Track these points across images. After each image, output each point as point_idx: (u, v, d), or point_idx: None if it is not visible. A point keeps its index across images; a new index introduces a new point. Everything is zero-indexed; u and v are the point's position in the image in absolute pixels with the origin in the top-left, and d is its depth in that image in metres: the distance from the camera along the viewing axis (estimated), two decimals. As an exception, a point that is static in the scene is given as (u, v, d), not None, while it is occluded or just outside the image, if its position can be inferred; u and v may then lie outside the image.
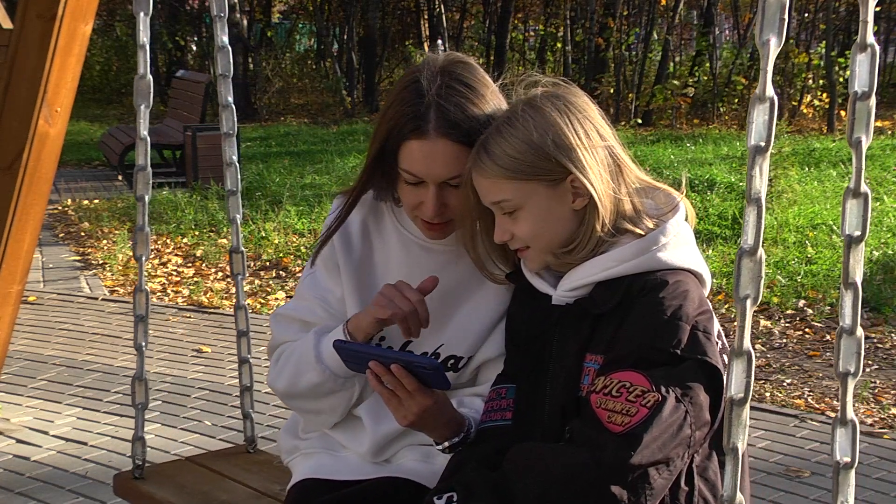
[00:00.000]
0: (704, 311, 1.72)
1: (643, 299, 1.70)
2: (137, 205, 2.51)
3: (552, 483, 1.63)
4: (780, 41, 1.36)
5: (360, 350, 1.89)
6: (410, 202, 1.93)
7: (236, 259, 2.73)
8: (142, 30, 2.49)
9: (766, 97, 1.36)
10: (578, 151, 1.72)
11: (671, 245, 1.75)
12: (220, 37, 2.63)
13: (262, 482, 2.47)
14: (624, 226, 1.76)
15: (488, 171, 1.75)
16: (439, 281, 1.95)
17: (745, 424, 1.40)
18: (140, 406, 2.58)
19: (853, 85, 1.36)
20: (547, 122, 1.73)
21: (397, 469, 2.04)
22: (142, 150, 2.50)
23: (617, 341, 1.70)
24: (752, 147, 1.37)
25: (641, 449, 1.60)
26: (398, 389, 1.82)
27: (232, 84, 2.70)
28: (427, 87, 1.84)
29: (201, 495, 2.40)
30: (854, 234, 1.38)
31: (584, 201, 1.74)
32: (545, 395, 1.80)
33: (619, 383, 1.65)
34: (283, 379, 2.06)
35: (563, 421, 1.75)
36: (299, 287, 2.15)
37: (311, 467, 2.09)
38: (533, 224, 1.76)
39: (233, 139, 2.67)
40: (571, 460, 1.64)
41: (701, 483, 1.74)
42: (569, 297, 1.79)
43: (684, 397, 1.64)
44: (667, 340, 1.66)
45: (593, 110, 1.79)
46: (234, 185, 2.68)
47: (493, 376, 1.98)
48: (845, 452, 1.45)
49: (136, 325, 2.52)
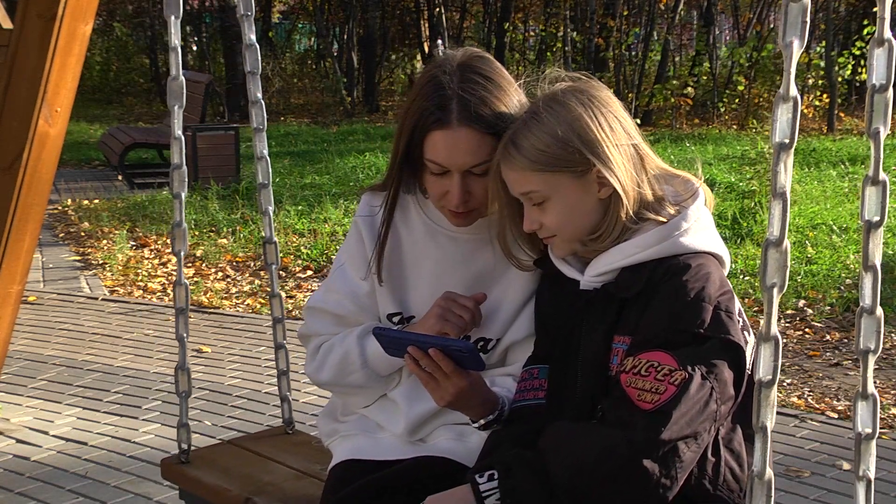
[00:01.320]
0: (725, 291, 1.79)
1: (667, 283, 1.77)
2: (174, 202, 2.56)
3: (586, 461, 1.71)
4: (802, 43, 1.43)
5: (399, 336, 1.97)
6: (436, 192, 2.01)
7: (269, 249, 2.81)
8: (173, 32, 2.53)
9: (789, 97, 1.43)
10: (602, 144, 1.79)
11: (692, 230, 1.83)
12: (247, 35, 2.68)
13: (303, 462, 2.56)
14: (646, 213, 1.84)
15: (517, 163, 1.82)
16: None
17: (773, 405, 1.48)
18: (183, 394, 2.66)
19: (871, 78, 1.43)
20: (572, 116, 1.80)
21: (433, 448, 2.13)
22: (177, 149, 2.53)
23: (643, 323, 1.77)
24: (776, 144, 1.44)
25: (671, 425, 1.68)
26: (436, 372, 1.91)
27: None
28: (447, 81, 1.93)
29: (245, 477, 2.48)
30: (874, 220, 1.46)
31: (609, 191, 1.81)
32: (576, 376, 1.87)
33: (647, 363, 1.72)
34: (325, 373, 2.19)
35: (594, 400, 1.83)
36: (329, 279, 2.24)
37: (350, 449, 2.19)
38: (560, 214, 1.83)
39: (262, 134, 2.74)
40: (604, 438, 1.72)
41: (727, 454, 1.82)
42: (596, 282, 1.87)
43: (709, 374, 1.72)
44: (691, 321, 1.74)
45: (616, 104, 1.86)
46: (265, 179, 2.77)
47: (521, 357, 2.07)
48: (867, 424, 1.52)
49: (178, 317, 2.60)
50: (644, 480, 1.68)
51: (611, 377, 1.81)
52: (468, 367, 1.92)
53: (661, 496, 1.70)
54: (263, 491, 2.40)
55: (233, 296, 6.71)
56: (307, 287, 6.85)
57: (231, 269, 7.40)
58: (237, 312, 6.28)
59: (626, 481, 1.69)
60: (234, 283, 7.07)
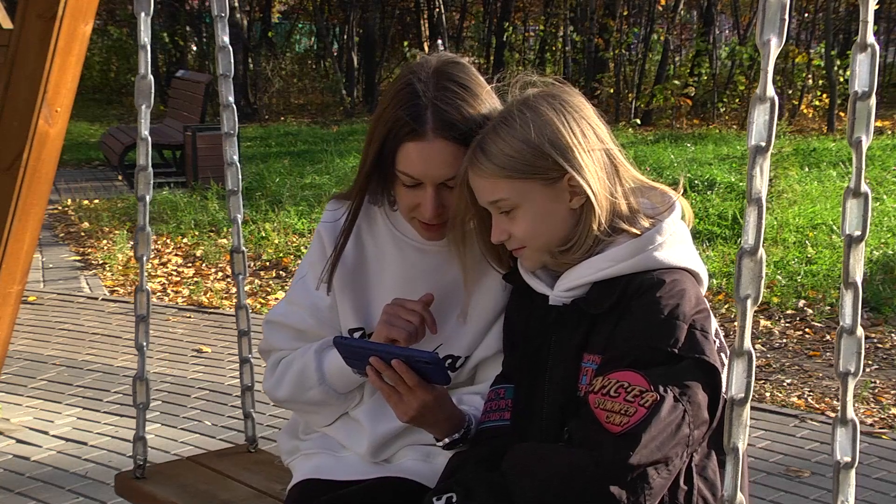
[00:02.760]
0: (702, 309, 1.72)
1: (640, 299, 1.70)
2: (138, 205, 2.51)
3: (551, 483, 1.64)
4: (780, 41, 1.35)
5: (360, 346, 1.89)
6: (407, 204, 1.92)
7: (237, 259, 2.74)
8: (143, 30, 2.48)
9: (766, 97, 1.36)
10: (575, 150, 1.72)
11: (667, 244, 1.75)
12: (220, 37, 2.64)
13: (264, 482, 2.47)
14: (620, 225, 1.76)
15: (485, 170, 1.75)
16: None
17: (746, 424, 1.39)
18: (141, 406, 2.59)
19: (853, 85, 1.36)
20: (543, 121, 1.73)
21: (397, 469, 2.04)
22: (143, 150, 2.50)
23: (614, 341, 1.70)
24: (752, 147, 1.36)
25: (640, 448, 1.59)
26: (398, 385, 1.82)
27: (232, 84, 2.70)
28: (422, 89, 1.84)
29: (203, 495, 2.41)
30: (854, 234, 1.37)
31: (581, 200, 1.74)
32: (543, 396, 1.80)
33: (617, 383, 1.64)
34: (282, 390, 2.10)
35: (562, 421, 1.75)
36: (290, 291, 2.16)
37: (311, 468, 2.10)
38: (530, 223, 1.76)
39: (234, 139, 2.68)
40: (570, 460, 1.64)
41: (700, 482, 1.74)
42: (566, 297, 1.79)
43: (682, 396, 1.64)
44: (664, 340, 1.66)
45: (589, 109, 1.79)
46: (234, 185, 2.69)
47: (490, 375, 1.99)
48: (846, 452, 1.44)
49: (137, 326, 2.53)
50: None
51: (579, 397, 1.72)
52: (433, 380, 1.83)
53: None
54: (220, 510, 2.32)
55: (233, 296, 6.71)
56: (307, 287, 6.85)
57: (231, 269, 7.39)
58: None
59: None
60: (234, 283, 7.06)
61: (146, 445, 2.57)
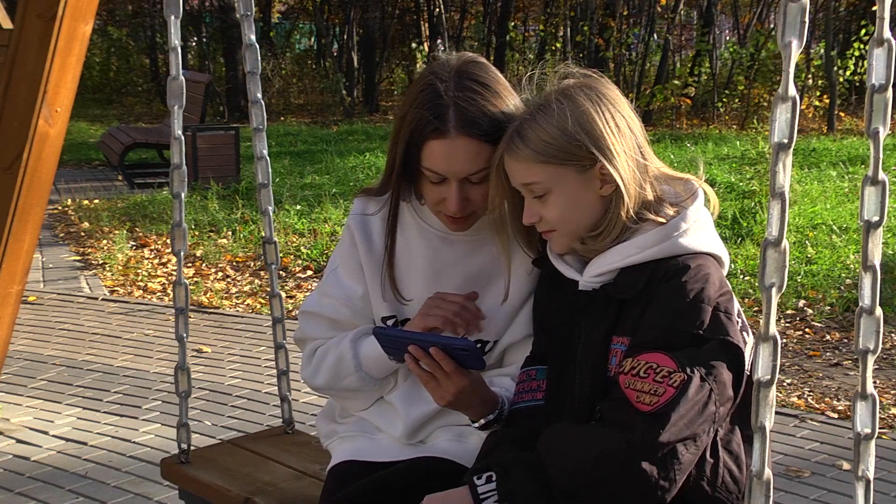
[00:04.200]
0: (725, 292, 1.79)
1: (667, 284, 1.77)
2: (173, 202, 2.55)
3: (584, 462, 1.71)
4: (801, 44, 1.43)
5: (398, 336, 1.97)
6: (434, 199, 2.00)
7: (269, 249, 2.81)
8: (173, 32, 2.53)
9: (788, 97, 1.43)
10: (608, 140, 1.79)
11: (691, 230, 1.82)
12: (247, 35, 2.68)
13: (302, 462, 2.56)
14: (646, 214, 1.83)
15: (521, 154, 1.81)
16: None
17: (772, 404, 1.47)
18: (183, 394, 2.65)
19: (871, 78, 1.43)
20: (580, 111, 1.79)
21: (432, 449, 2.13)
22: (177, 149, 2.54)
23: (642, 324, 1.77)
24: (775, 144, 1.43)
25: (670, 427, 1.67)
26: (436, 371, 1.90)
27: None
28: (444, 88, 1.91)
29: (244, 477, 2.49)
30: (872, 220, 1.46)
31: (611, 188, 1.81)
32: (574, 377, 1.86)
33: (646, 364, 1.72)
34: (320, 377, 2.18)
35: (593, 401, 1.82)
36: (323, 283, 2.23)
37: (349, 450, 2.19)
38: (561, 208, 1.83)
39: (262, 134, 2.74)
40: (602, 440, 1.71)
41: (725, 455, 1.82)
42: (595, 282, 1.86)
43: (708, 376, 1.71)
44: (690, 322, 1.73)
45: (623, 103, 1.86)
46: (265, 179, 2.77)
47: (519, 358, 2.07)
48: (866, 424, 1.52)
49: (177, 318, 2.60)
50: (642, 482, 1.67)
51: (609, 378, 1.80)
52: (469, 365, 1.91)
53: (660, 498, 1.69)
54: (263, 491, 2.40)
55: (233, 296, 6.71)
56: (307, 287, 6.85)
57: (231, 269, 7.40)
58: (237, 312, 6.28)
59: (624, 483, 1.69)
60: (234, 283, 7.07)
61: (189, 431, 2.63)
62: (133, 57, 21.76)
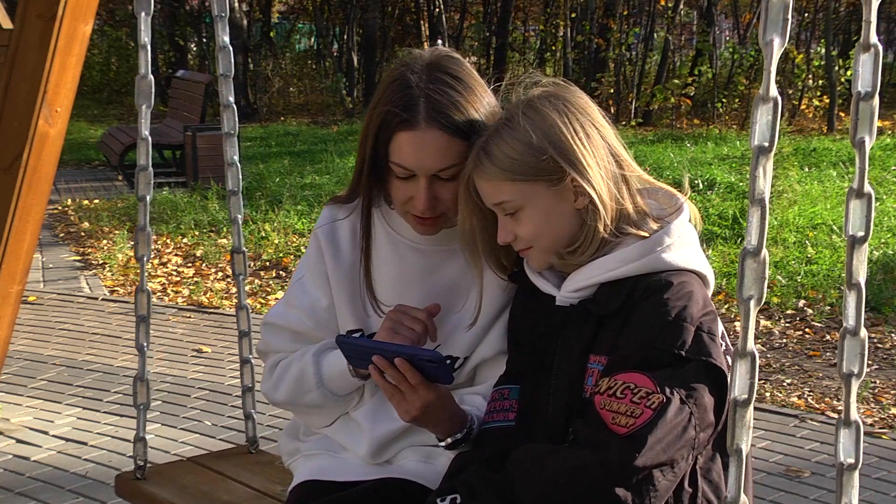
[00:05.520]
0: (708, 312, 1.71)
1: (647, 300, 1.69)
2: (139, 205, 2.51)
3: (556, 484, 1.64)
4: (783, 42, 1.34)
5: (362, 345, 1.89)
6: (401, 197, 1.90)
7: (238, 259, 2.75)
8: (143, 29, 2.49)
9: (769, 97, 1.35)
10: (578, 152, 1.71)
11: (675, 246, 1.75)
12: (220, 37, 2.63)
13: (264, 483, 2.47)
14: (627, 228, 1.76)
15: (489, 173, 1.74)
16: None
17: (749, 426, 1.38)
18: (141, 406, 2.59)
19: (856, 85, 1.35)
20: (546, 123, 1.72)
21: (398, 470, 2.03)
22: (143, 150, 2.50)
23: (621, 342, 1.70)
24: (755, 147, 1.35)
25: (646, 451, 1.59)
26: (401, 384, 1.81)
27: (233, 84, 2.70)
28: (416, 80, 1.83)
29: (203, 496, 2.41)
30: (857, 235, 1.37)
31: (586, 200, 1.73)
32: (549, 396, 1.79)
33: (623, 385, 1.64)
34: (280, 392, 2.10)
35: (567, 422, 1.75)
36: (288, 293, 2.15)
37: (312, 469, 2.09)
38: (535, 224, 1.75)
39: (234, 139, 2.68)
40: (575, 462, 1.64)
41: (704, 485, 1.74)
42: (573, 297, 1.79)
43: (689, 399, 1.63)
44: (671, 342, 1.66)
45: (594, 110, 1.78)
46: (235, 186, 2.69)
47: (491, 376, 1.98)
48: (849, 454, 1.42)
49: (138, 326, 2.54)
50: None
51: (585, 398, 1.72)
52: (437, 379, 1.81)
53: None
54: (221, 511, 2.32)
55: (233, 296, 6.71)
56: (307, 287, 6.85)
57: (231, 269, 7.39)
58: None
59: None
60: (234, 283, 7.06)
61: (146, 446, 2.57)
62: (133, 57, 21.73)
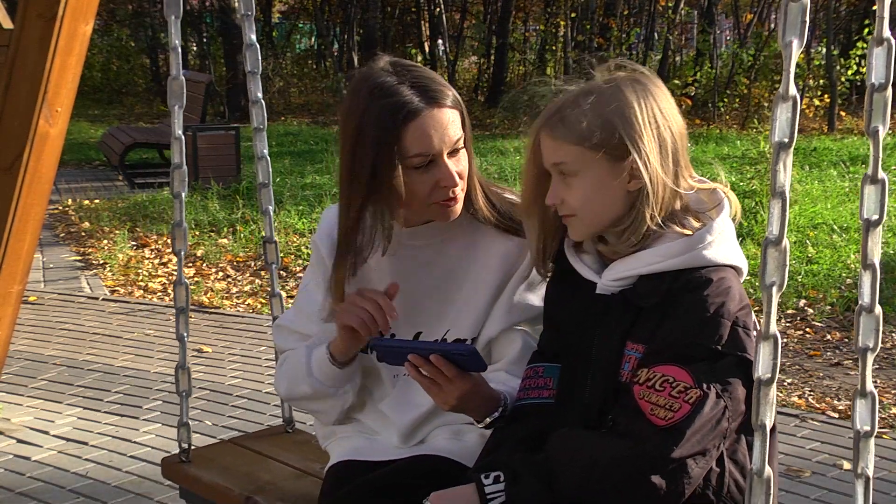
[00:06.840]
0: (744, 306, 1.78)
1: (688, 296, 1.76)
2: (174, 201, 2.57)
3: (595, 471, 1.72)
4: (801, 43, 1.44)
5: (395, 345, 1.97)
6: (425, 189, 1.97)
7: (270, 249, 2.83)
8: (173, 32, 2.55)
9: (788, 96, 1.44)
10: (644, 137, 1.77)
11: (716, 243, 1.81)
12: (248, 34, 2.69)
13: (302, 461, 2.57)
14: (672, 221, 1.82)
15: (557, 132, 1.80)
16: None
17: (773, 403, 1.48)
18: (184, 393, 2.68)
19: (870, 77, 1.45)
20: (624, 103, 1.78)
21: (430, 448, 2.13)
22: (177, 148, 2.54)
23: (660, 334, 1.76)
24: (775, 143, 1.44)
25: (683, 443, 1.68)
26: (438, 377, 1.89)
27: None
28: (392, 79, 1.94)
29: (245, 476, 2.50)
30: (872, 219, 1.47)
31: (639, 184, 1.78)
32: (586, 380, 1.85)
33: (662, 377, 1.71)
34: (282, 385, 2.22)
35: (603, 405, 1.81)
36: (297, 298, 2.26)
37: (347, 450, 2.19)
38: (585, 192, 1.80)
39: (263, 134, 2.74)
40: (614, 452, 1.71)
41: (730, 465, 1.82)
42: (614, 286, 1.85)
43: (724, 392, 1.71)
44: (709, 337, 1.73)
45: (670, 104, 1.83)
46: (265, 178, 2.79)
47: (506, 352, 2.09)
48: (865, 422, 1.54)
49: (178, 317, 2.62)
50: (651, 494, 1.68)
51: (621, 383, 1.79)
52: (470, 369, 1.90)
53: None
54: (263, 490, 2.41)
55: (233, 296, 6.71)
56: (307, 287, 6.85)
57: (231, 269, 7.40)
58: (238, 312, 6.28)
59: (632, 494, 1.69)
60: (235, 282, 7.07)
61: (189, 431, 2.65)
62: (133, 57, 21.76)
